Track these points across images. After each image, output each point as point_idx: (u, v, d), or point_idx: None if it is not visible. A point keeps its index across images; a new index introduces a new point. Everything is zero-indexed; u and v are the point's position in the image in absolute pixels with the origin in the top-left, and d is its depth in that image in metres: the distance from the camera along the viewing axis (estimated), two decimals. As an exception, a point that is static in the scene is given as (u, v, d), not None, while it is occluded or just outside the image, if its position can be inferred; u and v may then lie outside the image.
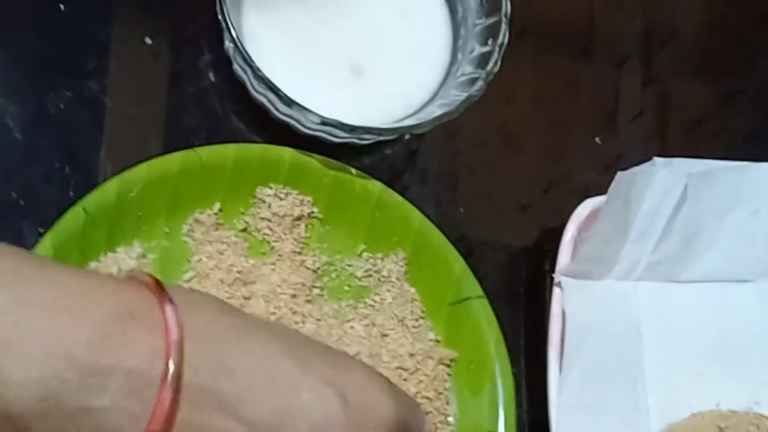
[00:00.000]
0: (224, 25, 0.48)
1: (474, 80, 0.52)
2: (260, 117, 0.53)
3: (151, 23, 0.56)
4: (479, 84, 0.51)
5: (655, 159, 0.54)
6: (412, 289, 0.54)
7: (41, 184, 0.51)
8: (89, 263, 0.49)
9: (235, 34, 0.48)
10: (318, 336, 0.51)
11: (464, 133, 0.60)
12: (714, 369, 0.57)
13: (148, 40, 0.55)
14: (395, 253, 0.54)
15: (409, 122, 0.52)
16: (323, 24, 0.54)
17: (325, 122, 0.49)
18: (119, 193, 0.49)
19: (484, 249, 0.58)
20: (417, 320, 0.53)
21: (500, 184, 0.61)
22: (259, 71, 0.48)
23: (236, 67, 0.52)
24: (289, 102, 0.48)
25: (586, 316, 0.54)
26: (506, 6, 0.52)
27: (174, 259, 0.51)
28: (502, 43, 0.52)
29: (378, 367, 0.51)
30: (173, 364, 0.33)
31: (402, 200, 0.53)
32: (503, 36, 0.52)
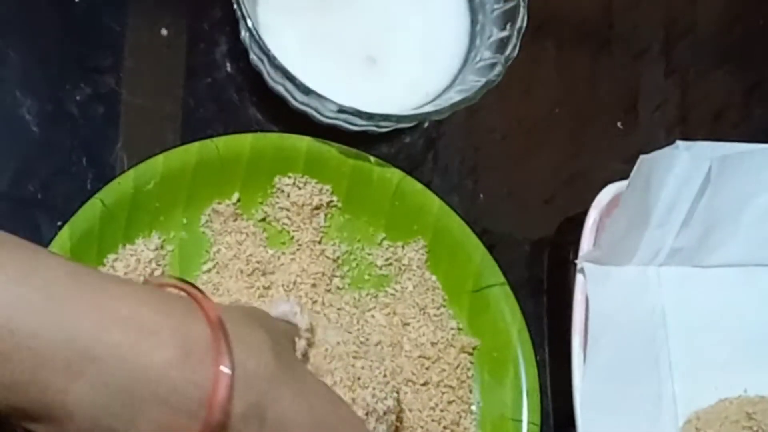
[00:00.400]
0: (240, 15, 0.48)
1: (493, 65, 0.51)
2: (278, 107, 0.53)
3: (167, 15, 0.55)
4: (498, 69, 0.51)
5: (678, 142, 0.53)
6: (433, 277, 0.53)
7: (58, 178, 0.51)
8: (107, 255, 0.49)
9: (251, 24, 0.48)
10: (339, 326, 0.50)
11: (485, 127, 0.60)
12: (740, 354, 0.57)
13: (164, 32, 0.55)
14: (415, 241, 0.53)
15: (428, 108, 0.51)
16: (339, 12, 0.54)
17: (343, 110, 0.48)
18: (136, 186, 0.49)
19: (508, 241, 0.58)
20: (438, 308, 0.53)
21: (522, 177, 0.60)
22: (276, 60, 0.48)
23: (253, 57, 0.52)
24: (307, 90, 0.48)
25: (609, 303, 0.54)
26: (524, -10, 0.52)
27: (193, 250, 0.51)
28: (521, 27, 0.51)
29: (399, 357, 0.51)
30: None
31: (421, 187, 0.53)
32: (522, 20, 0.52)
